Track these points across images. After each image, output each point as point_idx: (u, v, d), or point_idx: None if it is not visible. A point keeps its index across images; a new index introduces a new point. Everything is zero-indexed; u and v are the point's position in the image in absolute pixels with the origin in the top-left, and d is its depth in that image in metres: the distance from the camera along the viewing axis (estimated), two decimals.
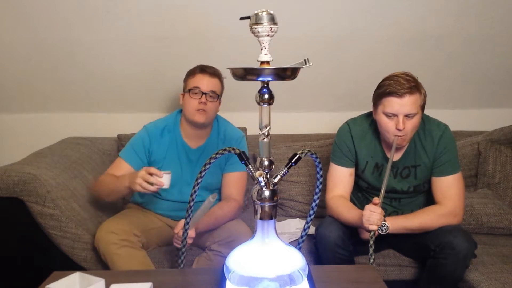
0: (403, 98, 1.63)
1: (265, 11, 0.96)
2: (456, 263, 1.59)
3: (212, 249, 1.78)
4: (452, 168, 1.74)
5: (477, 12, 2.21)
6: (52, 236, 1.78)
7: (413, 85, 1.64)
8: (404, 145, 1.73)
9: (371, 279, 1.29)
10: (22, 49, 2.25)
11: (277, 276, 1.01)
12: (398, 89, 1.62)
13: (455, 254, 1.57)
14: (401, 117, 1.63)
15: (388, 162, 1.63)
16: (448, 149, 1.74)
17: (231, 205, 1.87)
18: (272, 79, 0.99)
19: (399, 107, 1.63)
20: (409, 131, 1.67)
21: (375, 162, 1.80)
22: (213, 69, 1.91)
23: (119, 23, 2.15)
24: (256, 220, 1.06)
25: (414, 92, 1.63)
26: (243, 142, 2.01)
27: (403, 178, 1.80)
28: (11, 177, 1.73)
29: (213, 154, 1.14)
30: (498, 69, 2.47)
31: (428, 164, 1.76)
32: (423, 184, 1.81)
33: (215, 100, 1.88)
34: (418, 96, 1.65)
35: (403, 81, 1.63)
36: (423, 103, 1.68)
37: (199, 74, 1.88)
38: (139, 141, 1.92)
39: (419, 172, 1.78)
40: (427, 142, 1.76)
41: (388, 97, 1.65)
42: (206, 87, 1.85)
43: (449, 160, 1.74)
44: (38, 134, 2.48)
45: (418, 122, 1.69)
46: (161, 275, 1.40)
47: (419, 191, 1.83)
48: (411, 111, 1.63)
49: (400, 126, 1.63)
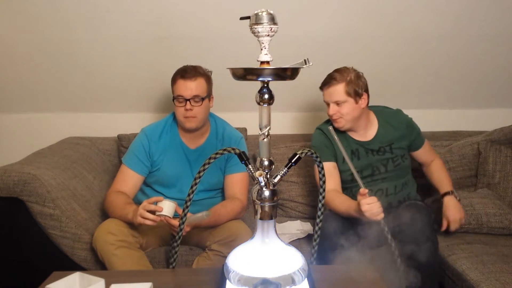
0: (328, 88, 1.89)
1: (265, 11, 0.96)
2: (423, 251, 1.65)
3: (212, 249, 1.78)
4: (422, 137, 2.07)
5: (477, 12, 2.21)
6: (52, 236, 1.79)
7: (334, 77, 1.88)
8: (341, 126, 1.92)
9: (371, 279, 1.29)
10: (22, 49, 2.25)
11: (277, 276, 1.01)
12: (325, 80, 1.92)
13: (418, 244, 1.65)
14: (331, 104, 1.90)
15: (343, 153, 1.65)
16: (413, 126, 2.03)
17: (235, 204, 1.87)
18: (272, 79, 0.99)
19: (328, 96, 1.91)
20: (344, 115, 1.89)
21: (350, 150, 1.96)
22: (194, 70, 1.87)
23: (119, 23, 2.16)
24: (256, 220, 1.06)
25: (334, 84, 1.87)
26: (242, 143, 2.01)
27: (380, 155, 1.96)
28: (11, 177, 1.73)
29: (213, 154, 1.14)
30: (498, 69, 2.47)
31: (401, 138, 1.98)
32: (401, 159, 1.98)
33: (200, 103, 1.86)
34: (340, 86, 1.86)
35: (330, 73, 1.91)
36: (353, 90, 1.86)
37: (180, 80, 1.85)
38: (139, 145, 1.92)
39: (394, 147, 1.97)
40: (393, 121, 2.00)
41: (322, 88, 1.94)
42: (189, 93, 1.83)
43: (418, 131, 2.05)
44: (38, 134, 2.48)
45: (351, 108, 1.88)
46: (161, 275, 1.40)
47: (399, 168, 1.98)
48: (337, 98, 1.87)
49: (329, 111, 1.91)
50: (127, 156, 1.94)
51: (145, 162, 1.90)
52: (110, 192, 1.87)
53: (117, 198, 1.81)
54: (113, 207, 1.79)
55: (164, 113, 2.43)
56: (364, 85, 1.91)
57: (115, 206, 1.78)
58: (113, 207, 1.79)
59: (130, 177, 1.89)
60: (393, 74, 2.44)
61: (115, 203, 1.79)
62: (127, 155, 1.94)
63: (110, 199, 1.83)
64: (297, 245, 1.97)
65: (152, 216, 1.62)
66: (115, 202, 1.80)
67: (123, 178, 1.89)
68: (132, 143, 1.97)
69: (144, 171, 1.91)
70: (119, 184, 1.88)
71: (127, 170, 1.90)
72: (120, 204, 1.78)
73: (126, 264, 1.65)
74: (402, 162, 1.99)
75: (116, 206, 1.78)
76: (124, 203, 1.78)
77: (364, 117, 1.95)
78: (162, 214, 1.64)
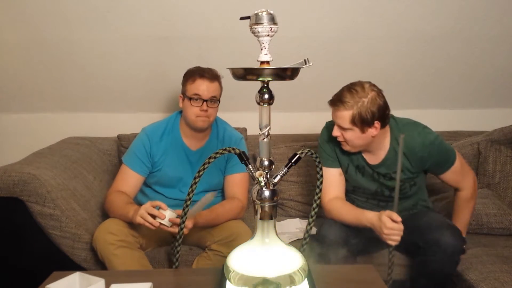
0: (334, 111, 1.69)
1: (265, 11, 0.96)
2: (443, 260, 1.61)
3: (212, 249, 1.78)
4: (447, 162, 1.76)
5: (477, 12, 2.21)
6: (52, 236, 1.79)
7: (342, 100, 1.64)
8: (346, 149, 1.75)
9: (371, 279, 1.29)
10: (22, 49, 2.25)
11: (277, 276, 1.01)
12: (334, 99, 1.69)
13: (442, 251, 1.60)
14: (336, 126, 1.71)
15: (396, 179, 1.45)
16: (434, 152, 1.72)
17: (234, 204, 1.87)
18: (272, 79, 0.99)
19: (334, 117, 1.71)
20: (347, 141, 1.70)
21: (356, 165, 1.82)
22: (212, 72, 1.86)
23: (119, 23, 2.16)
24: (256, 220, 1.06)
25: (340, 109, 1.65)
26: (242, 144, 2.01)
27: (386, 180, 1.79)
28: (11, 177, 1.73)
29: (213, 154, 1.14)
30: (498, 69, 2.47)
31: (411, 168, 1.76)
32: (408, 187, 1.81)
33: (216, 105, 1.87)
34: (346, 113, 1.64)
35: (342, 92, 1.68)
36: (361, 120, 1.63)
37: (199, 80, 1.83)
38: (140, 145, 1.91)
39: (403, 176, 1.75)
40: (407, 149, 1.71)
41: (330, 105, 1.71)
42: (207, 93, 1.82)
43: (441, 159, 1.75)
44: (38, 134, 2.48)
45: (355, 136, 1.68)
46: (161, 275, 1.40)
47: (406, 196, 1.83)
48: (341, 124, 1.67)
49: (333, 132, 1.72)
50: (127, 155, 1.93)
51: (145, 162, 1.90)
52: (110, 192, 1.87)
53: (118, 197, 1.81)
54: (113, 206, 1.79)
55: (165, 113, 2.43)
56: (378, 111, 1.63)
57: (116, 205, 1.78)
58: (114, 206, 1.79)
59: (130, 177, 1.89)
60: (393, 74, 2.44)
61: (115, 203, 1.79)
62: (127, 155, 1.94)
63: (111, 198, 1.83)
64: (300, 246, 1.96)
65: (151, 220, 1.62)
66: (116, 201, 1.80)
67: (123, 177, 1.89)
68: (132, 142, 1.97)
69: (145, 171, 1.90)
70: (119, 184, 1.88)
71: (128, 170, 1.89)
72: (120, 203, 1.77)
73: (126, 264, 1.65)
74: (410, 189, 1.82)
75: (117, 205, 1.78)
76: (124, 202, 1.77)
77: (375, 142, 1.73)
78: (162, 222, 1.63)
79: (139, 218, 1.62)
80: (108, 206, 1.82)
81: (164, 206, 1.64)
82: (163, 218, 1.62)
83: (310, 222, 1.27)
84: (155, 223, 1.62)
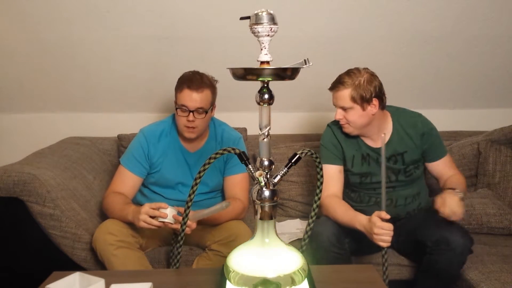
0: (335, 92, 1.80)
1: (265, 11, 0.96)
2: (452, 259, 1.61)
3: (212, 249, 1.78)
4: (442, 149, 1.89)
5: (477, 12, 2.21)
6: (52, 236, 1.79)
7: (341, 81, 1.78)
8: (349, 132, 1.84)
9: (371, 279, 1.29)
10: (22, 49, 2.25)
11: (277, 276, 1.01)
12: (334, 82, 1.81)
13: (451, 250, 1.59)
14: (338, 109, 1.81)
15: (381, 166, 1.54)
16: (434, 132, 1.87)
17: (235, 204, 1.87)
18: (272, 79, 0.99)
19: (335, 100, 1.81)
20: (350, 122, 1.80)
21: (360, 154, 1.87)
22: (200, 81, 1.81)
23: (119, 23, 2.15)
24: (256, 220, 1.06)
25: (340, 88, 1.77)
26: (241, 144, 2.00)
27: (392, 164, 1.85)
28: (11, 177, 1.73)
29: (213, 154, 1.14)
30: (498, 69, 2.47)
31: (415, 149, 1.85)
32: (413, 170, 1.86)
33: (203, 115, 1.83)
34: (346, 91, 1.76)
35: (340, 75, 1.80)
36: (360, 96, 1.75)
37: (186, 90, 1.79)
38: (138, 146, 1.90)
39: (406, 157, 1.85)
40: (410, 129, 1.85)
41: (330, 90, 1.83)
42: (193, 104, 1.79)
43: (438, 142, 1.88)
44: (38, 134, 2.48)
45: (357, 115, 1.77)
46: (161, 275, 1.40)
47: (411, 179, 1.87)
48: (343, 104, 1.77)
49: (335, 116, 1.82)
50: (125, 157, 1.92)
51: (143, 163, 1.89)
52: (108, 193, 1.86)
53: (116, 199, 1.80)
54: (112, 208, 1.79)
55: (164, 113, 2.43)
56: (375, 89, 1.75)
57: (114, 207, 1.78)
58: (112, 208, 1.79)
59: (128, 178, 1.88)
60: (393, 74, 2.44)
61: (113, 204, 1.79)
62: (125, 156, 1.93)
63: (109, 200, 1.82)
64: (300, 248, 1.96)
65: (156, 223, 1.62)
66: (114, 203, 1.79)
67: (121, 179, 1.88)
68: (130, 144, 1.96)
69: (142, 172, 1.90)
70: (117, 185, 1.87)
71: (125, 171, 1.88)
72: (118, 205, 1.77)
73: (126, 264, 1.65)
74: (415, 172, 1.87)
75: (115, 207, 1.78)
76: (122, 203, 1.77)
77: (376, 122, 1.82)
78: (165, 220, 1.63)
79: (143, 223, 1.62)
80: (106, 208, 1.82)
81: (165, 205, 1.64)
82: (165, 217, 1.63)
83: (310, 223, 1.26)
84: (160, 224, 1.62)
